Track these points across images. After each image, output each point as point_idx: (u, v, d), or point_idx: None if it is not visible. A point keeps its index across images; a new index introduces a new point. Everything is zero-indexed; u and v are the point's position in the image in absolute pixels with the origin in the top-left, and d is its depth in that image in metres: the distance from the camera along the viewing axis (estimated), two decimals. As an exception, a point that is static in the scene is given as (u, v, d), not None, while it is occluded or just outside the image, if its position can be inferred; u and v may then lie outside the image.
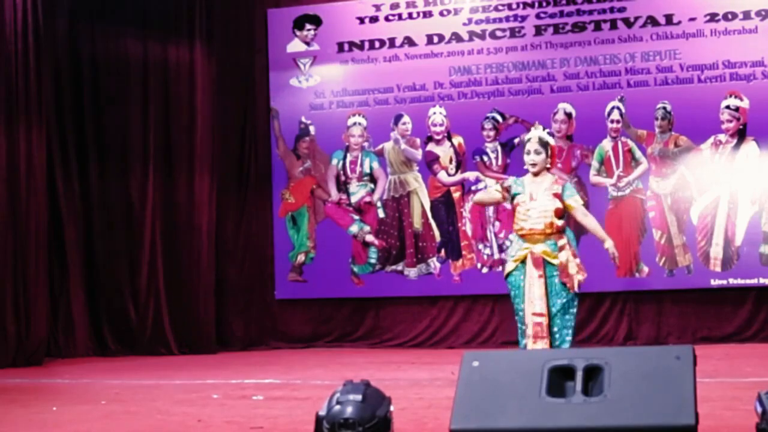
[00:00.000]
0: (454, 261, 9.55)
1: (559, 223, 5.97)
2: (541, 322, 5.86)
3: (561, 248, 5.93)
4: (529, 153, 6.05)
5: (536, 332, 5.87)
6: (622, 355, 3.52)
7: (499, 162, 9.42)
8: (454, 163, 9.57)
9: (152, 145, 9.69)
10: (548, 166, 6.10)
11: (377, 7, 9.83)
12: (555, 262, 5.91)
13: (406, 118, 9.72)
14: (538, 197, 5.99)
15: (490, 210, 9.42)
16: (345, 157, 9.88)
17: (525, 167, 6.10)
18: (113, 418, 5.26)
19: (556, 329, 5.91)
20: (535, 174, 6.06)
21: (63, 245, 9.42)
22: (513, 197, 6.09)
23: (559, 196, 5.99)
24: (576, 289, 5.90)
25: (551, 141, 6.14)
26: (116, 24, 9.76)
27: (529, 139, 6.13)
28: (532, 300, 5.89)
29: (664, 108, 9.07)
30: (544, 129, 6.22)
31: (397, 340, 9.63)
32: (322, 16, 9.99)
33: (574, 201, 6.08)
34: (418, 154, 9.69)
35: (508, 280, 6.05)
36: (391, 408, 3.83)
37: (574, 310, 5.96)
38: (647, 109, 9.11)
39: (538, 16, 9.41)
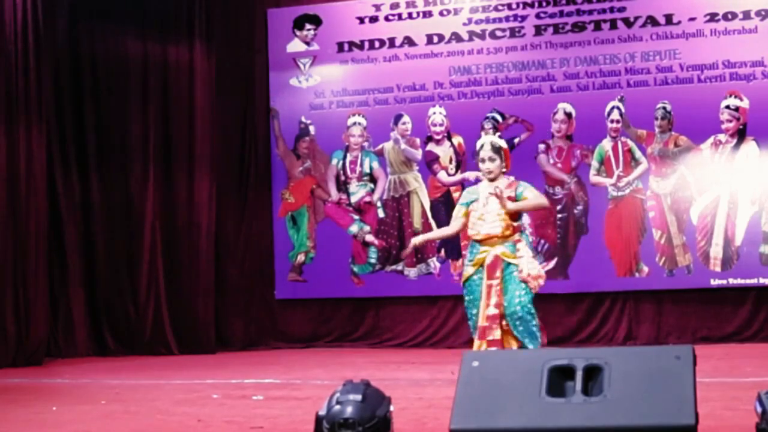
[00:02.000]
0: (454, 261, 9.54)
1: (516, 223, 5.99)
2: (490, 326, 5.82)
3: (519, 250, 5.93)
4: (483, 161, 6.05)
5: (483, 332, 5.84)
6: (622, 355, 3.52)
7: (499, 162, 9.41)
8: (454, 163, 9.57)
9: (152, 145, 9.69)
10: (504, 170, 6.11)
11: (377, 7, 9.83)
12: (515, 261, 5.89)
13: (406, 118, 9.72)
14: (490, 201, 5.97)
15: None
16: (345, 157, 9.88)
17: (480, 176, 6.21)
18: (113, 418, 5.26)
19: (518, 332, 5.85)
20: (491, 180, 6.06)
21: (63, 245, 9.42)
22: (468, 205, 6.10)
23: (513, 200, 5.98)
24: (536, 289, 5.89)
25: (504, 145, 6.15)
26: (116, 24, 9.76)
27: (481, 146, 6.11)
28: (488, 303, 5.87)
29: (664, 108, 9.07)
30: (495, 133, 6.22)
31: (397, 340, 9.63)
32: (322, 16, 9.99)
33: (527, 194, 6.03)
34: (418, 154, 9.69)
35: (465, 285, 6.04)
36: (391, 408, 3.84)
37: (533, 309, 5.88)
38: (647, 109, 9.11)
39: (538, 16, 9.41)
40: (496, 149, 6.06)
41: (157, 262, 9.60)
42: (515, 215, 5.98)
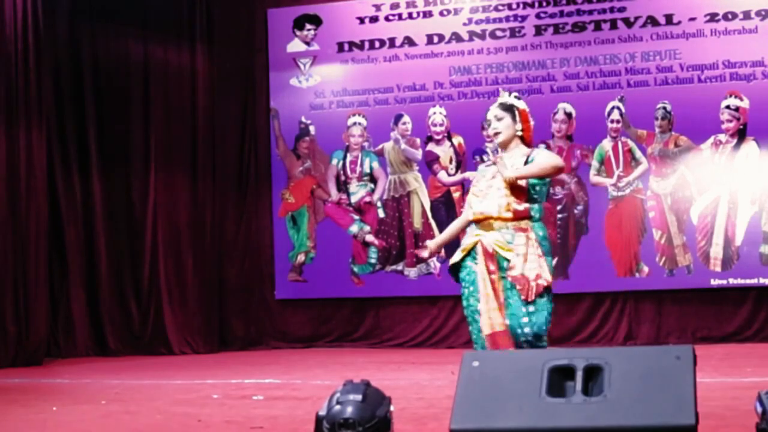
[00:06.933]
0: (454, 261, 9.53)
1: (521, 207, 4.60)
2: (501, 331, 4.54)
3: (518, 241, 4.58)
4: (489, 123, 4.75)
5: (495, 340, 4.55)
6: (622, 355, 3.51)
7: (499, 162, 9.40)
8: (454, 163, 9.57)
9: (153, 145, 9.70)
10: (519, 133, 4.71)
11: (377, 7, 9.83)
12: (508, 256, 4.56)
13: (406, 118, 9.72)
14: (497, 175, 4.65)
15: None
16: (345, 157, 9.88)
17: (493, 146, 4.98)
18: (113, 418, 5.26)
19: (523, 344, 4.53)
20: (503, 147, 4.74)
21: (63, 245, 9.42)
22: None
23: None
24: (531, 297, 4.49)
25: (519, 104, 4.75)
26: (116, 24, 9.77)
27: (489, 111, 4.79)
28: (488, 297, 4.60)
29: (664, 108, 9.07)
30: (510, 95, 4.80)
31: (397, 340, 9.63)
32: (322, 16, 9.99)
33: (538, 158, 4.65)
34: (418, 154, 9.69)
35: (460, 277, 4.79)
36: (391, 408, 3.83)
37: (542, 319, 4.53)
38: (647, 109, 9.11)
39: (538, 16, 9.41)
40: (506, 107, 4.72)
41: (158, 262, 9.60)
42: (524, 195, 4.61)
